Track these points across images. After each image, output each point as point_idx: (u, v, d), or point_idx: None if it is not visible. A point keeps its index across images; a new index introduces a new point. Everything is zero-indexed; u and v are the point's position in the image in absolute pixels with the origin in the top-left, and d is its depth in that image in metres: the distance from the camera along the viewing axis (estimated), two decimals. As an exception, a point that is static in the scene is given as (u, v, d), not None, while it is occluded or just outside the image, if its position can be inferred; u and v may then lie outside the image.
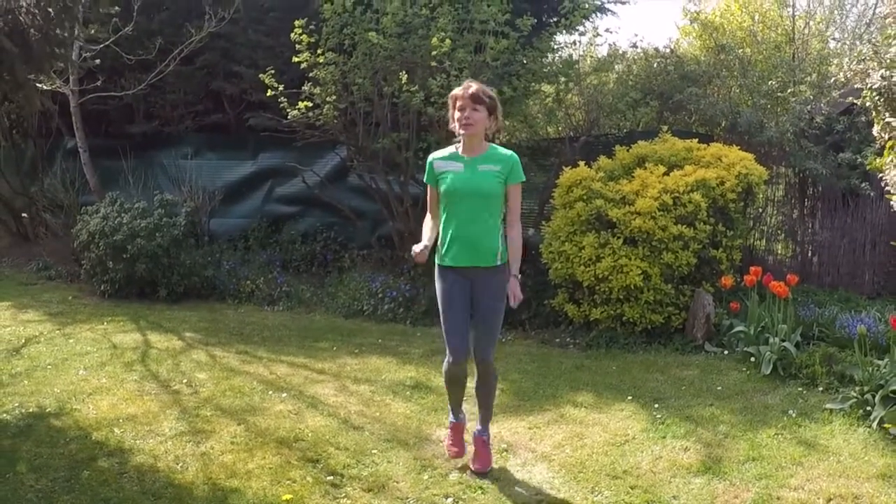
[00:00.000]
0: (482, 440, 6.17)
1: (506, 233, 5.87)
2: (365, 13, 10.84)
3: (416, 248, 5.64)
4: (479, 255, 5.76)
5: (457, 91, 5.75)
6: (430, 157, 5.94)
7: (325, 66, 10.91)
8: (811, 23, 14.61)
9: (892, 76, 6.31)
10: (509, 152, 5.86)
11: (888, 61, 6.46)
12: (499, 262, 5.81)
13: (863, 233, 11.11)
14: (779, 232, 12.32)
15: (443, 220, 5.86)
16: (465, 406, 6.39)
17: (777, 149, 11.46)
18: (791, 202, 12.46)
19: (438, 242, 5.90)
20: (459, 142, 5.84)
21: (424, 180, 6.00)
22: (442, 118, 9.71)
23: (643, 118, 12.04)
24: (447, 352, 5.92)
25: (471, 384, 6.21)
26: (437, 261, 5.93)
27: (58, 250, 13.50)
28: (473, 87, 5.69)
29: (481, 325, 5.89)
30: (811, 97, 11.80)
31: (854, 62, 6.79)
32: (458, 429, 6.28)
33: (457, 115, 5.71)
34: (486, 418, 6.24)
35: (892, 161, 6.42)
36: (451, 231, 5.81)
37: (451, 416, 6.34)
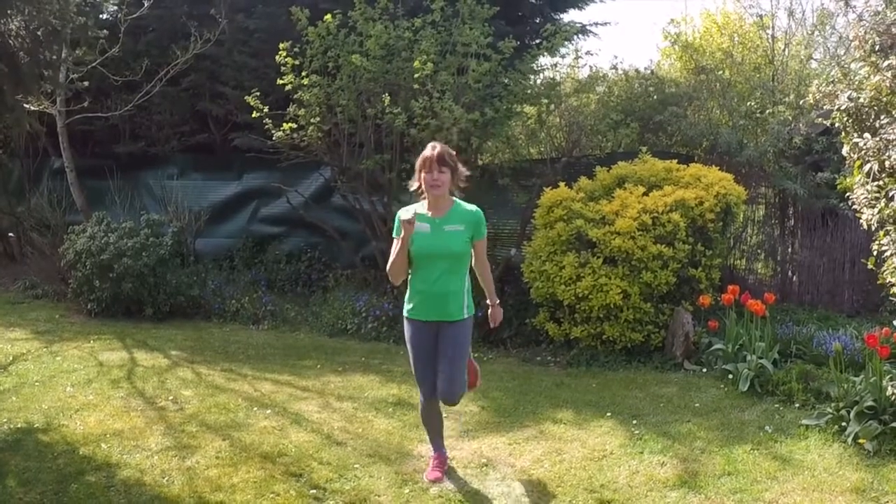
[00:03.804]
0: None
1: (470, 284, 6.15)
2: (348, 36, 10.96)
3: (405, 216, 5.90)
4: (447, 311, 5.98)
5: (424, 154, 5.90)
6: (399, 214, 6.05)
7: (310, 88, 11.00)
8: (790, 45, 14.72)
9: (858, 97, 6.45)
10: (473, 208, 6.06)
11: (856, 83, 6.59)
12: (465, 316, 6.05)
13: (842, 252, 11.20)
14: (759, 251, 12.41)
15: (411, 276, 6.05)
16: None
17: (757, 169, 11.56)
18: (771, 222, 12.55)
19: (407, 295, 6.10)
20: (425, 198, 6.00)
21: (393, 234, 6.11)
22: (424, 140, 9.81)
23: (624, 139, 12.10)
24: (420, 394, 6.22)
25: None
26: (405, 312, 6.12)
27: (45, 269, 13.52)
28: (438, 148, 5.89)
29: (446, 370, 6.06)
30: (790, 118, 11.91)
31: (824, 84, 6.91)
32: (440, 459, 6.40)
33: (424, 176, 5.88)
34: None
35: (860, 180, 6.54)
36: (419, 288, 6.00)
37: (432, 450, 6.50)
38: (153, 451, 6.64)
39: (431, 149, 5.89)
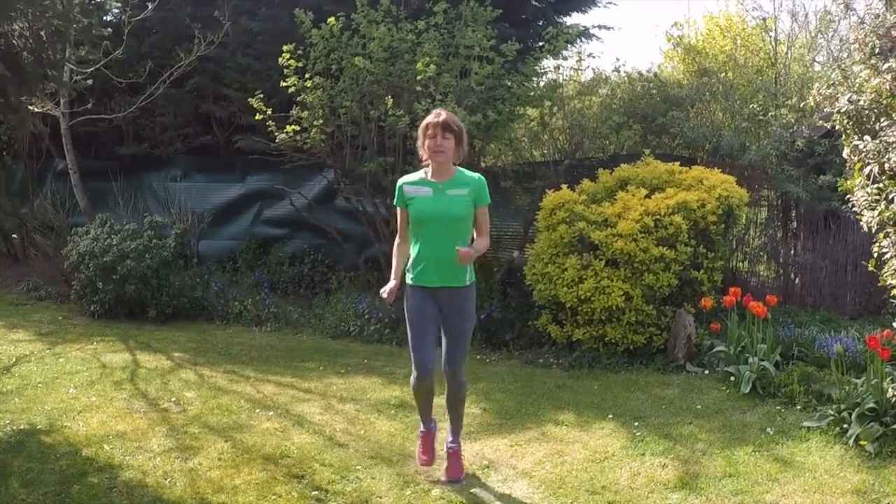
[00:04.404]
0: (453, 451, 6.32)
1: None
2: (352, 38, 10.96)
3: (385, 289, 5.97)
4: (449, 276, 5.96)
5: (428, 119, 5.91)
6: (400, 182, 6.09)
7: (313, 90, 11.00)
8: (792, 47, 14.73)
9: (859, 100, 6.45)
10: (476, 175, 6.06)
11: (857, 86, 6.60)
12: (467, 283, 6.04)
13: (844, 254, 11.19)
14: (761, 253, 12.41)
15: (413, 242, 6.04)
16: (436, 417, 6.57)
17: (759, 172, 11.57)
18: (774, 224, 12.55)
19: (409, 263, 6.08)
20: (428, 166, 6.01)
21: (394, 203, 6.15)
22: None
23: (626, 141, 12.10)
24: (413, 367, 6.15)
25: (442, 399, 6.43)
26: (407, 280, 6.09)
27: (48, 271, 13.55)
28: (443, 115, 5.87)
29: (451, 341, 6.11)
30: (793, 120, 11.91)
31: (824, 87, 6.91)
32: (427, 438, 6.43)
33: (427, 142, 5.88)
34: (456, 430, 6.41)
35: (860, 183, 6.54)
36: (421, 253, 5.98)
37: (421, 426, 6.50)
38: (156, 452, 6.66)
39: (436, 115, 5.89)
